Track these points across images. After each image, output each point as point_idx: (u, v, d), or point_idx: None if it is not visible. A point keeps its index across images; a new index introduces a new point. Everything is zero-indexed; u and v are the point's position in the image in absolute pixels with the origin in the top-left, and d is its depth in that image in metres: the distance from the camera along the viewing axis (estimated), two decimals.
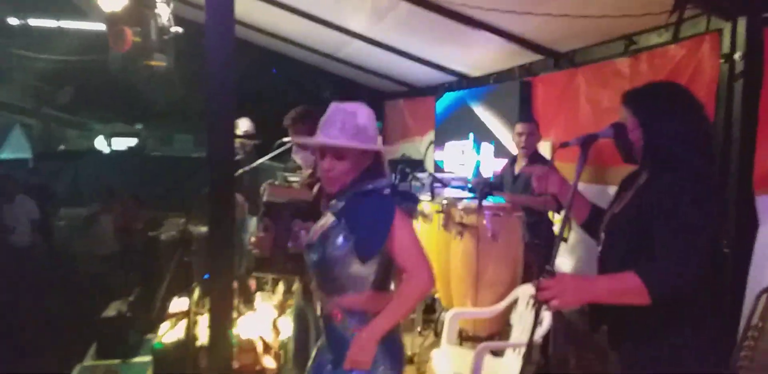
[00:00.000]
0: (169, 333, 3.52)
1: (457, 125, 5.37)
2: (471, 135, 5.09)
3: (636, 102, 1.84)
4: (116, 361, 3.67)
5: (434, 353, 3.37)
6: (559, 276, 1.71)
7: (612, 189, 3.61)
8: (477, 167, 4.75)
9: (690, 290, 1.62)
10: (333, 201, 1.96)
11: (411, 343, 4.25)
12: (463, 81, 5.46)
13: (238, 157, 4.56)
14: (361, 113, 1.88)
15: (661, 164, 1.76)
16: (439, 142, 5.79)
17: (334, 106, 1.91)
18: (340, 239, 1.86)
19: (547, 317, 3.03)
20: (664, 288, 1.61)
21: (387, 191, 1.87)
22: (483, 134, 4.89)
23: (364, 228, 1.83)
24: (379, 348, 1.84)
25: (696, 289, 1.63)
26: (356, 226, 1.84)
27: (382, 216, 1.81)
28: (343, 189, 1.91)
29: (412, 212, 1.90)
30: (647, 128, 1.77)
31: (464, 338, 3.83)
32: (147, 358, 3.56)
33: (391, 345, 1.91)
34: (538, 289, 1.68)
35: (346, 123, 1.85)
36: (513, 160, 4.07)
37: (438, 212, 3.90)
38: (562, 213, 1.92)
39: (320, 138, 1.89)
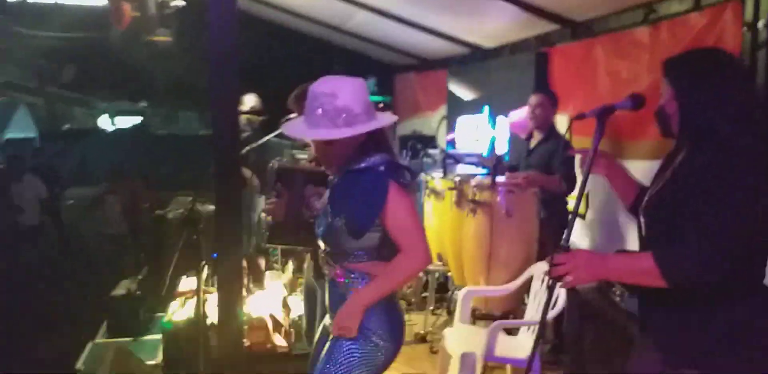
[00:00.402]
0: (178, 312, 3.50)
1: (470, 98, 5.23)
2: (485, 108, 4.94)
3: (672, 71, 1.70)
4: (127, 339, 3.65)
5: (447, 331, 3.33)
6: (573, 252, 1.65)
7: (631, 164, 3.53)
8: (492, 143, 4.62)
9: (712, 277, 1.51)
10: (331, 178, 2.01)
11: (424, 322, 4.22)
12: (476, 53, 5.31)
13: (245, 134, 4.49)
14: (343, 92, 1.80)
15: (695, 140, 1.64)
16: (450, 118, 5.64)
17: (312, 90, 1.83)
18: (334, 215, 1.89)
19: (561, 295, 2.98)
20: (678, 274, 1.52)
21: (382, 168, 1.84)
22: (498, 107, 4.74)
23: (355, 206, 1.84)
24: (374, 318, 1.87)
25: (736, 270, 1.51)
26: (347, 205, 1.85)
27: (373, 194, 1.81)
28: (340, 167, 1.92)
29: (410, 187, 1.88)
30: (682, 99, 1.65)
31: (477, 317, 3.80)
32: (157, 336, 3.55)
33: (387, 317, 1.91)
34: (551, 265, 1.62)
35: (326, 107, 1.79)
36: (529, 135, 3.97)
37: (450, 189, 3.83)
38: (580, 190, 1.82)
39: (299, 127, 1.88)
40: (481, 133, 4.90)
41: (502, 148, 4.60)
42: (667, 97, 1.68)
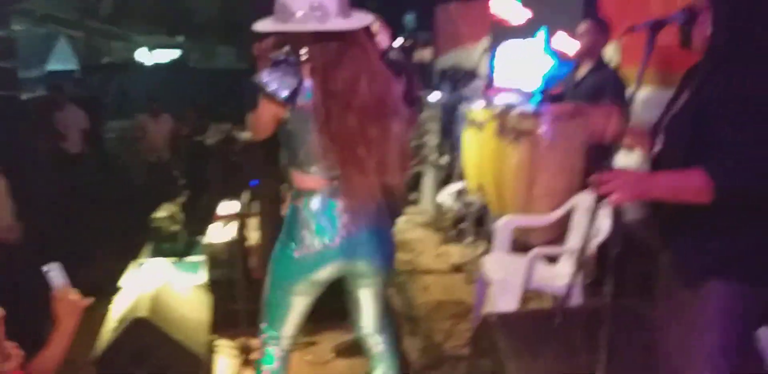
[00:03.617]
0: (220, 234, 3.57)
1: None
2: (543, 30, 4.32)
3: None
4: (171, 259, 3.75)
5: (486, 259, 3.33)
6: (620, 169, 1.64)
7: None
8: (551, 75, 4.22)
9: (762, 189, 1.48)
10: None
11: (460, 253, 4.24)
12: None
13: None
14: None
15: (731, 50, 1.56)
16: (494, 46, 5.34)
17: None
18: None
19: (605, 224, 2.92)
20: (733, 185, 1.49)
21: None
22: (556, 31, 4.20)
23: None
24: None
25: None
26: None
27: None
28: None
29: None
30: (718, 7, 1.57)
31: (517, 249, 3.78)
32: (199, 257, 3.63)
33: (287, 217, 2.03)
34: (597, 184, 1.58)
35: None
36: (576, 64, 3.81)
37: (492, 119, 3.74)
38: None
39: None
40: (532, 63, 4.51)
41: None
42: (701, 6, 1.60)
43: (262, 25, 1.86)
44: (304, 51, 1.89)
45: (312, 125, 1.87)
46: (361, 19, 1.88)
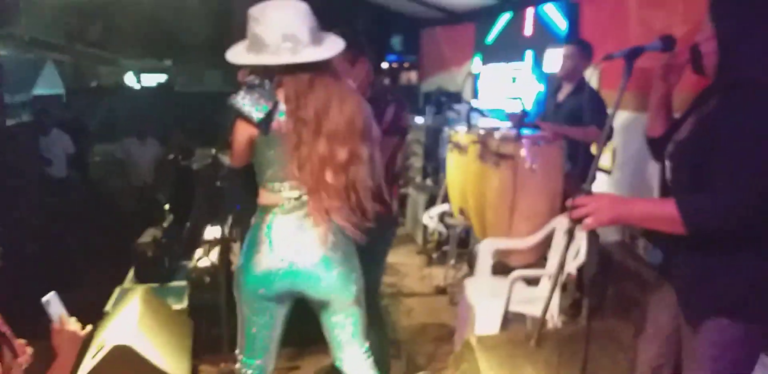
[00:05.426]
0: (203, 259, 3.56)
1: (506, 44, 4.88)
2: (529, 54, 4.41)
3: (717, 8, 1.60)
4: (154, 285, 3.73)
5: (467, 281, 3.35)
6: (595, 194, 1.64)
7: None
8: (539, 99, 4.21)
9: (733, 225, 1.47)
10: None
11: (444, 275, 4.25)
12: (505, 3, 5.13)
13: None
14: None
15: (730, 84, 1.55)
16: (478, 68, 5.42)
17: None
18: None
19: (583, 246, 2.96)
20: (699, 221, 1.49)
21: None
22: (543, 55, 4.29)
23: None
24: None
25: (760, 220, 1.46)
26: None
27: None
28: None
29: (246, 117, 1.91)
30: (724, 39, 1.55)
31: (498, 271, 3.80)
32: (183, 283, 3.62)
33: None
34: (572, 207, 1.60)
35: None
36: (558, 87, 3.89)
37: (474, 142, 3.79)
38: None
39: None
40: (519, 87, 4.52)
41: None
42: (707, 35, 1.59)
43: (236, 57, 1.90)
44: (277, 78, 1.92)
45: (282, 147, 1.90)
46: (332, 46, 1.91)
